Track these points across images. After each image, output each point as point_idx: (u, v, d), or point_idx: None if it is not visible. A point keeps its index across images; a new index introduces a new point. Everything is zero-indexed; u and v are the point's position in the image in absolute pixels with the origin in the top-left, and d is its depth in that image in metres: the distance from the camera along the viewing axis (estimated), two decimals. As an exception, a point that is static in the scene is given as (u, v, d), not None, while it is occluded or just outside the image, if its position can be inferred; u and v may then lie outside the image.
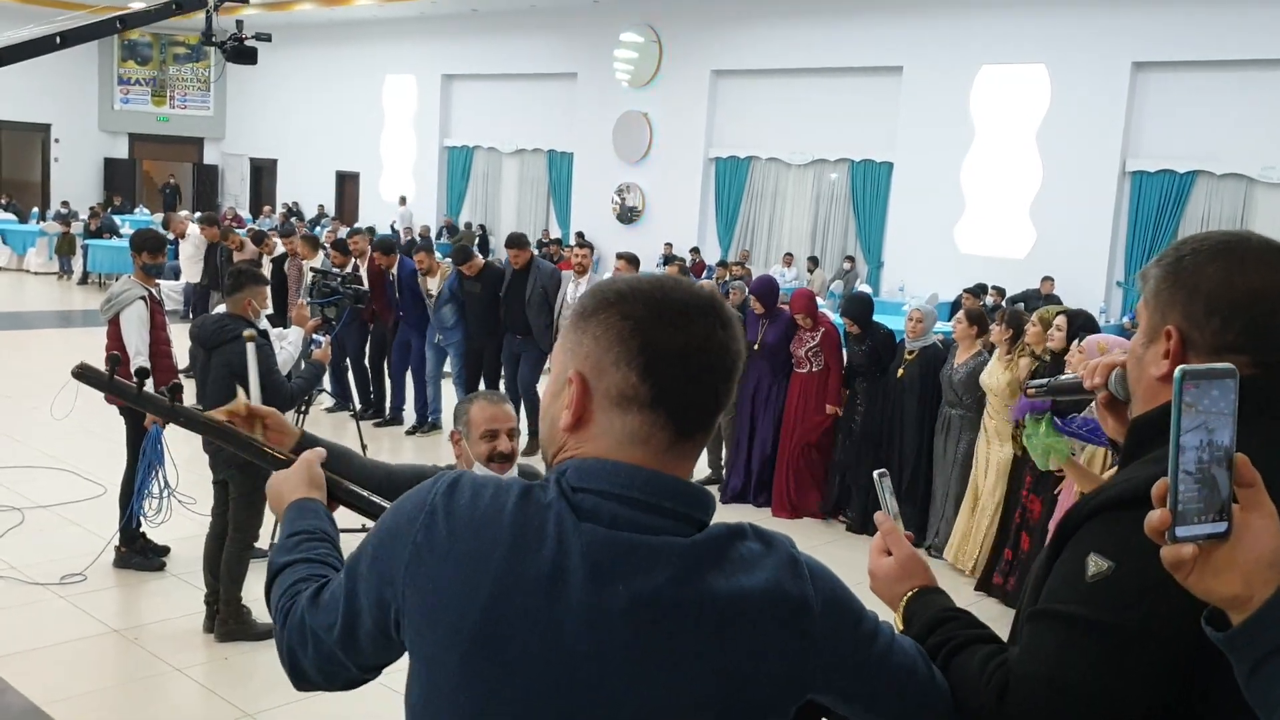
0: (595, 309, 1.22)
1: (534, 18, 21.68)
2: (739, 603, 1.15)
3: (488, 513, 1.17)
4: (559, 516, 1.15)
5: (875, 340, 7.24)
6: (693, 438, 1.21)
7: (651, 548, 1.14)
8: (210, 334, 5.15)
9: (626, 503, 1.16)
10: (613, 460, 1.18)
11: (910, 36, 17.07)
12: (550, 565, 1.13)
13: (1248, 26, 14.02)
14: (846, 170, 18.42)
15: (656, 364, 1.17)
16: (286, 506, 1.53)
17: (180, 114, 29.31)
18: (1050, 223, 15.88)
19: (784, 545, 1.22)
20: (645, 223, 20.59)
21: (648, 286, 1.21)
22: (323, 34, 26.13)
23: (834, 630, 1.21)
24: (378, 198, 25.41)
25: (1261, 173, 14.31)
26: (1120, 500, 1.29)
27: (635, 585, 1.13)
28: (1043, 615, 1.31)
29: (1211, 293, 1.35)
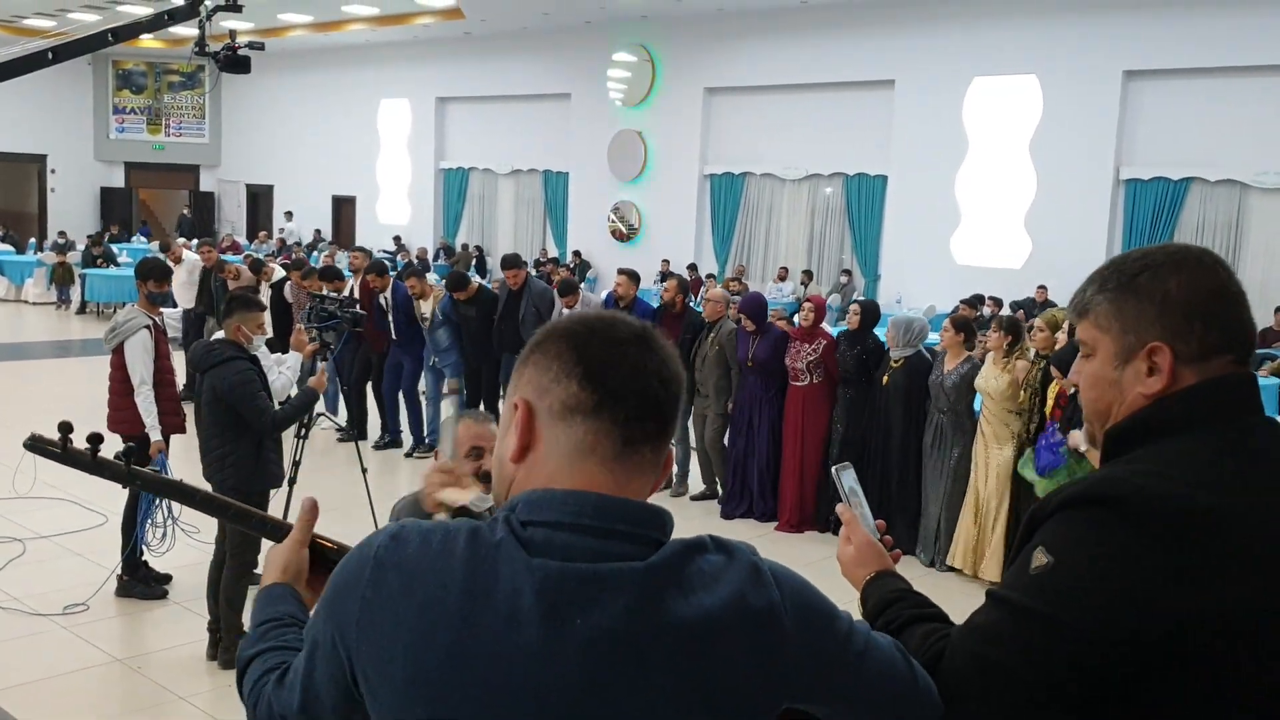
0: (532, 346, 1.24)
1: (527, 39, 21.78)
2: (702, 623, 1.12)
3: (437, 560, 1.14)
4: (510, 556, 1.13)
5: (866, 348, 7.26)
6: (639, 450, 1.19)
7: (606, 577, 1.12)
8: (200, 358, 5.19)
9: (578, 531, 1.14)
10: (562, 489, 1.16)
11: (901, 50, 17.15)
12: (505, 608, 1.11)
13: (1238, 33, 14.09)
14: (841, 184, 18.47)
15: (595, 371, 1.18)
16: (257, 595, 1.51)
17: (176, 142, 29.38)
18: (1046, 232, 15.92)
19: (745, 554, 1.20)
20: (642, 240, 20.64)
21: (581, 318, 1.24)
22: (316, 59, 26.23)
23: (807, 634, 1.19)
24: (374, 221, 25.46)
25: (1255, 178, 14.36)
26: (1072, 500, 1.35)
27: (592, 619, 1.11)
28: (990, 597, 1.39)
29: (1186, 301, 1.38)
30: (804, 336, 7.43)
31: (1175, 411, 1.38)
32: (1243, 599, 1.25)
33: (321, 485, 6.61)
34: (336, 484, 7.52)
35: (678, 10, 18.85)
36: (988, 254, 16.51)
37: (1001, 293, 14.83)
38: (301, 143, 27.10)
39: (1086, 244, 15.55)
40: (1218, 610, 1.25)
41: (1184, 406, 1.37)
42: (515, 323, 8.75)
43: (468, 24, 21.23)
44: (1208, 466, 1.31)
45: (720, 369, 7.81)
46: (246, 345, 5.16)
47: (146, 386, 5.70)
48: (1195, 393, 1.37)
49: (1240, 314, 1.40)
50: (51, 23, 23.70)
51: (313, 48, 25.71)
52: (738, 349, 7.71)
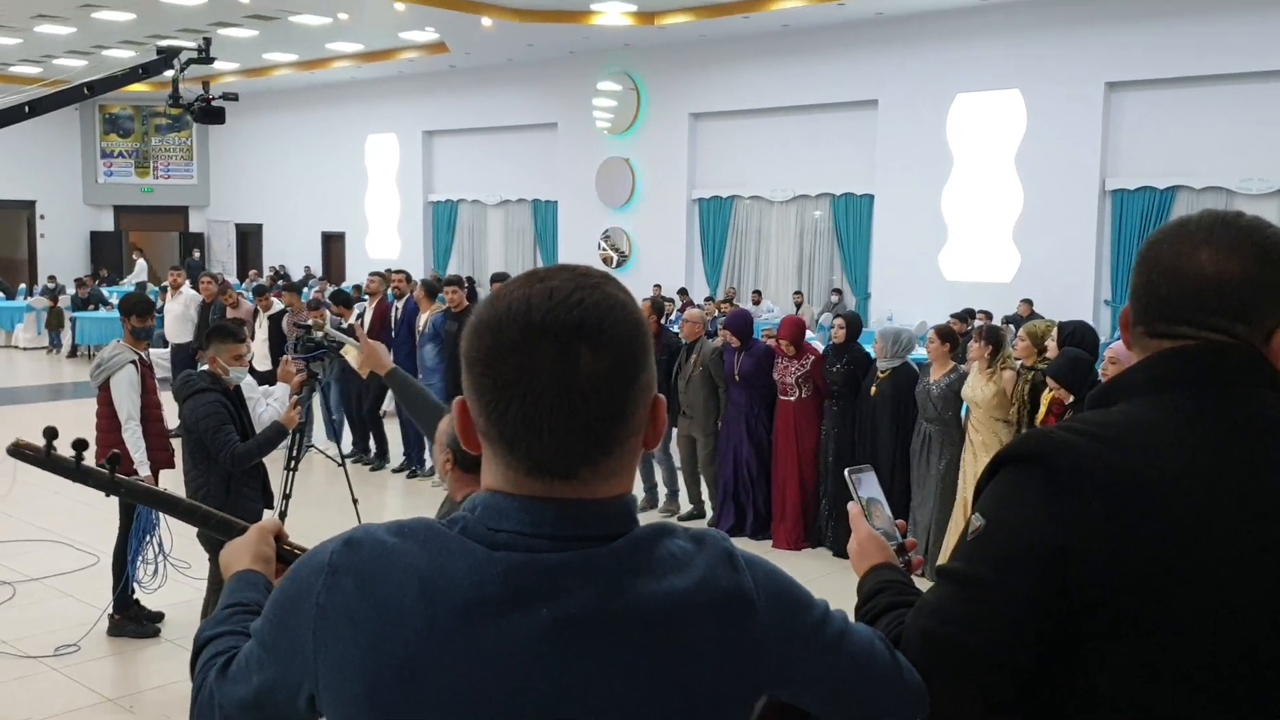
0: (465, 335, 1.15)
1: (511, 71, 21.89)
2: (674, 605, 1.09)
3: (394, 560, 1.10)
4: (470, 551, 1.09)
5: (853, 360, 7.26)
6: (565, 479, 1.10)
7: (573, 564, 1.08)
8: (178, 389, 5.17)
9: (542, 538, 1.09)
10: (521, 496, 1.11)
11: (883, 70, 17.25)
12: (467, 599, 1.06)
13: (1217, 42, 14.19)
14: (829, 205, 18.54)
15: (493, 404, 1.09)
16: (227, 579, 1.47)
17: (164, 184, 29.45)
18: (1034, 245, 15.96)
19: (717, 539, 1.16)
20: (633, 266, 20.68)
21: (499, 314, 1.10)
22: (302, 97, 26.34)
23: (780, 619, 1.16)
24: (364, 256, 25.48)
25: (1240, 185, 14.41)
26: (1001, 460, 1.37)
27: (560, 605, 1.07)
28: (937, 572, 1.40)
29: (1146, 270, 1.42)
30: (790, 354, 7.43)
31: (1132, 381, 1.40)
32: (1157, 559, 1.24)
33: (312, 518, 6.56)
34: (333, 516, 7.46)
35: (660, 38, 18.97)
36: (977, 269, 16.55)
37: (992, 307, 14.83)
38: (289, 181, 27.18)
39: (1075, 255, 15.61)
40: (1132, 568, 1.25)
41: (1137, 377, 1.40)
42: None
43: (452, 58, 21.34)
44: (1141, 430, 1.31)
45: (706, 389, 7.79)
46: (223, 376, 5.13)
47: (134, 422, 5.67)
48: (1143, 366, 1.40)
49: (1196, 294, 1.35)
50: (37, 69, 23.81)
51: (298, 86, 25.82)
52: (723, 365, 7.71)
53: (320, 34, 20.33)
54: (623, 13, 17.93)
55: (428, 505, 8.61)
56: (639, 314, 1.13)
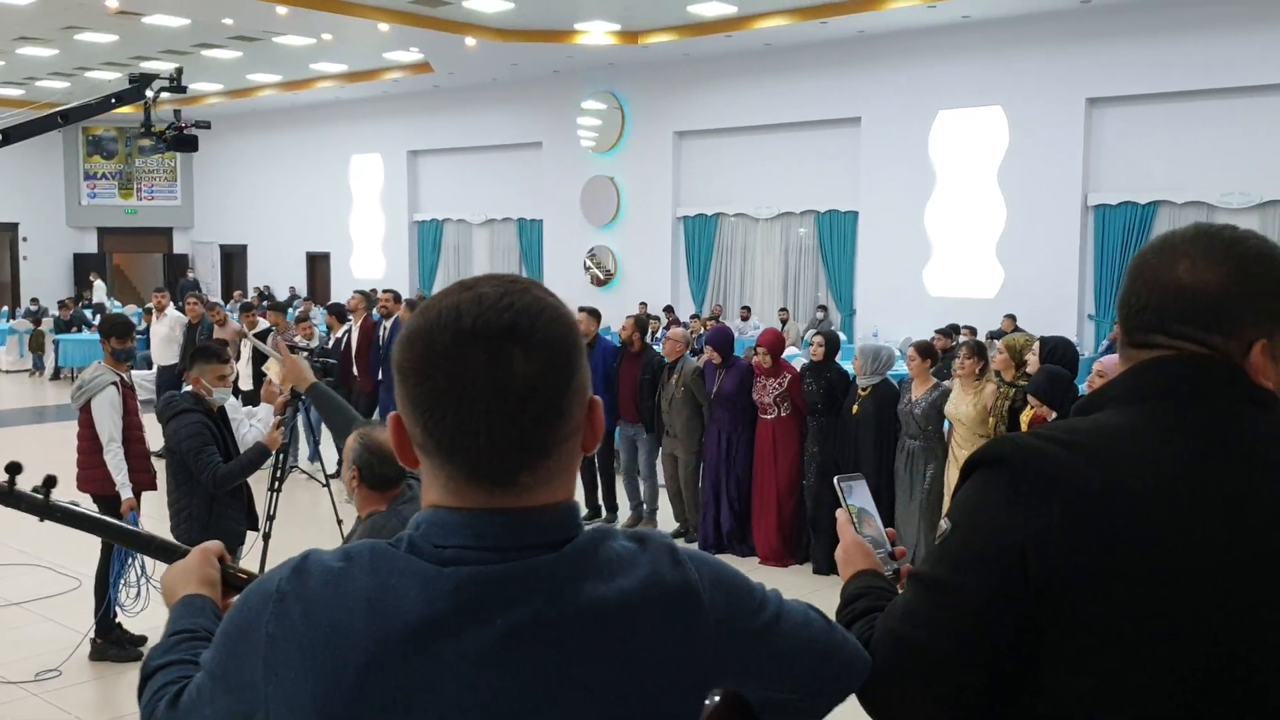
0: (396, 347, 1.14)
1: (496, 90, 21.93)
2: (623, 605, 1.10)
3: (342, 584, 1.09)
4: (418, 570, 1.08)
5: (832, 379, 7.28)
6: (505, 486, 1.10)
7: (521, 573, 1.08)
8: (161, 410, 5.14)
9: (489, 550, 1.09)
10: (464, 510, 1.10)
11: (866, 87, 17.35)
12: (418, 618, 1.06)
13: (1196, 58, 14.32)
14: (813, 222, 18.60)
15: (429, 413, 1.08)
16: (173, 605, 1.45)
17: (148, 205, 29.37)
18: (1017, 261, 16.04)
19: (658, 538, 1.18)
20: (619, 284, 20.70)
21: (430, 322, 1.10)
22: (287, 118, 26.32)
23: (725, 608, 1.17)
24: (349, 276, 25.43)
25: (1221, 199, 14.52)
26: (970, 465, 1.38)
27: (512, 615, 1.07)
28: (908, 576, 1.41)
29: (1132, 282, 1.44)
30: (768, 371, 7.44)
31: (1111, 392, 1.41)
32: (1120, 566, 1.25)
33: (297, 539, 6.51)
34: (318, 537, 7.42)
35: (644, 56, 19.05)
36: (961, 284, 16.61)
37: (976, 322, 14.88)
38: (274, 201, 27.14)
39: (1058, 270, 15.69)
40: (1093, 574, 1.25)
41: (1119, 389, 1.40)
42: None
43: (436, 77, 21.38)
44: (1113, 438, 1.32)
45: (689, 408, 7.80)
46: (207, 397, 5.10)
47: (115, 444, 5.63)
48: (1126, 377, 1.40)
49: (1178, 305, 1.35)
50: (20, 91, 23.76)
51: (282, 107, 25.82)
52: (705, 384, 7.71)
53: (304, 54, 20.34)
54: (606, 32, 18.00)
55: (413, 525, 8.57)
56: (569, 317, 1.14)
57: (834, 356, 7.52)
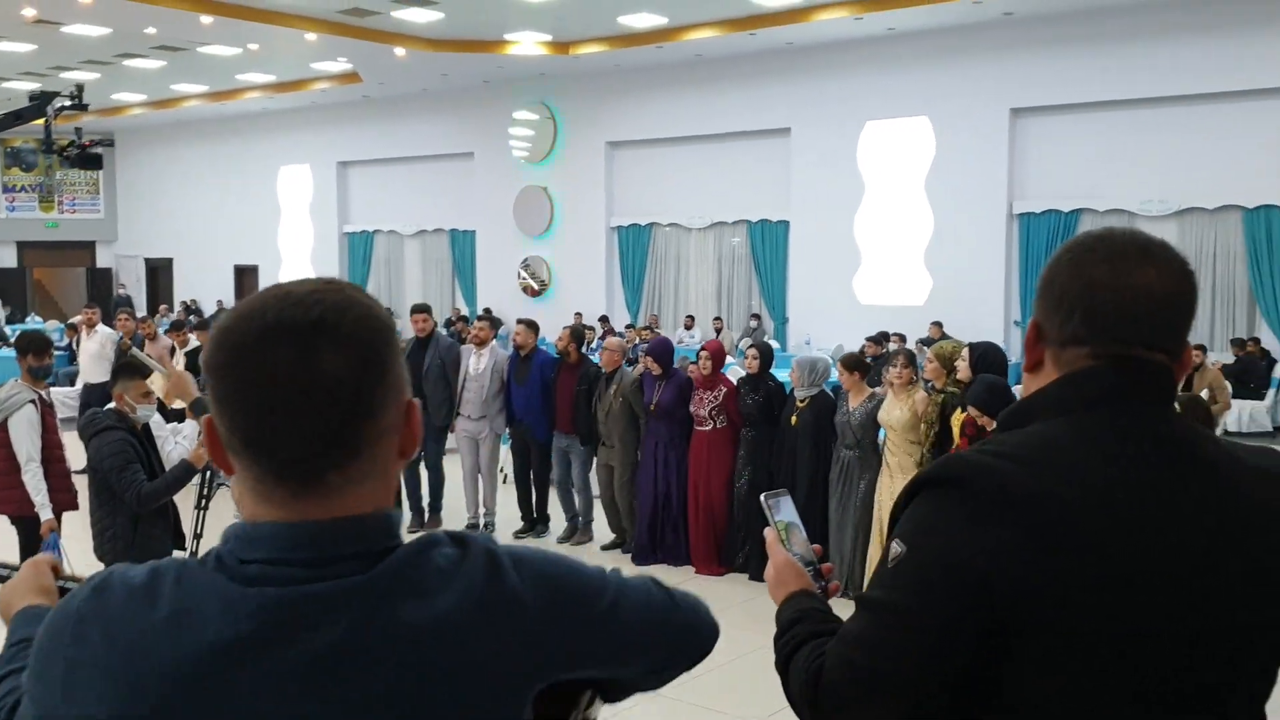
0: (206, 345, 1.13)
1: (426, 100, 21.79)
2: (439, 622, 1.05)
3: (143, 605, 1.05)
4: (222, 590, 1.04)
5: (767, 390, 7.33)
6: (313, 485, 1.06)
7: (330, 594, 1.04)
8: (83, 427, 5.02)
9: (298, 564, 1.05)
10: (270, 522, 1.06)
11: (795, 98, 17.53)
12: (220, 640, 1.02)
13: (1117, 69, 14.70)
14: (745, 231, 18.74)
15: (235, 410, 1.05)
16: (12, 616, 1.41)
17: (70, 219, 28.71)
18: (945, 268, 16.30)
19: (480, 543, 1.13)
20: (554, 294, 20.66)
21: (236, 319, 1.08)
22: (213, 129, 25.91)
23: (554, 610, 1.13)
24: (279, 289, 25.08)
25: (1141, 206, 14.90)
26: (919, 484, 1.36)
27: (317, 639, 1.02)
28: (858, 602, 1.39)
29: (1061, 286, 1.41)
30: (704, 383, 7.47)
31: (1042, 403, 1.40)
32: (1076, 579, 1.26)
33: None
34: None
35: (576, 67, 19.05)
36: (890, 292, 16.84)
37: (906, 329, 15.11)
38: (201, 214, 26.68)
39: (984, 277, 15.98)
40: (1052, 588, 1.25)
41: (1049, 399, 1.40)
42: (418, 377, 8.57)
43: (366, 87, 21.18)
44: (1060, 450, 1.32)
45: (626, 419, 7.80)
46: (130, 414, 4.99)
47: (34, 464, 5.47)
48: (1057, 386, 1.40)
49: (1118, 310, 1.36)
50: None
51: (208, 117, 25.40)
52: (643, 394, 7.72)
53: (230, 65, 20.04)
54: (537, 42, 17.99)
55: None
56: (382, 315, 1.11)
57: (769, 368, 7.57)
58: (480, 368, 8.44)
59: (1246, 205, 14.30)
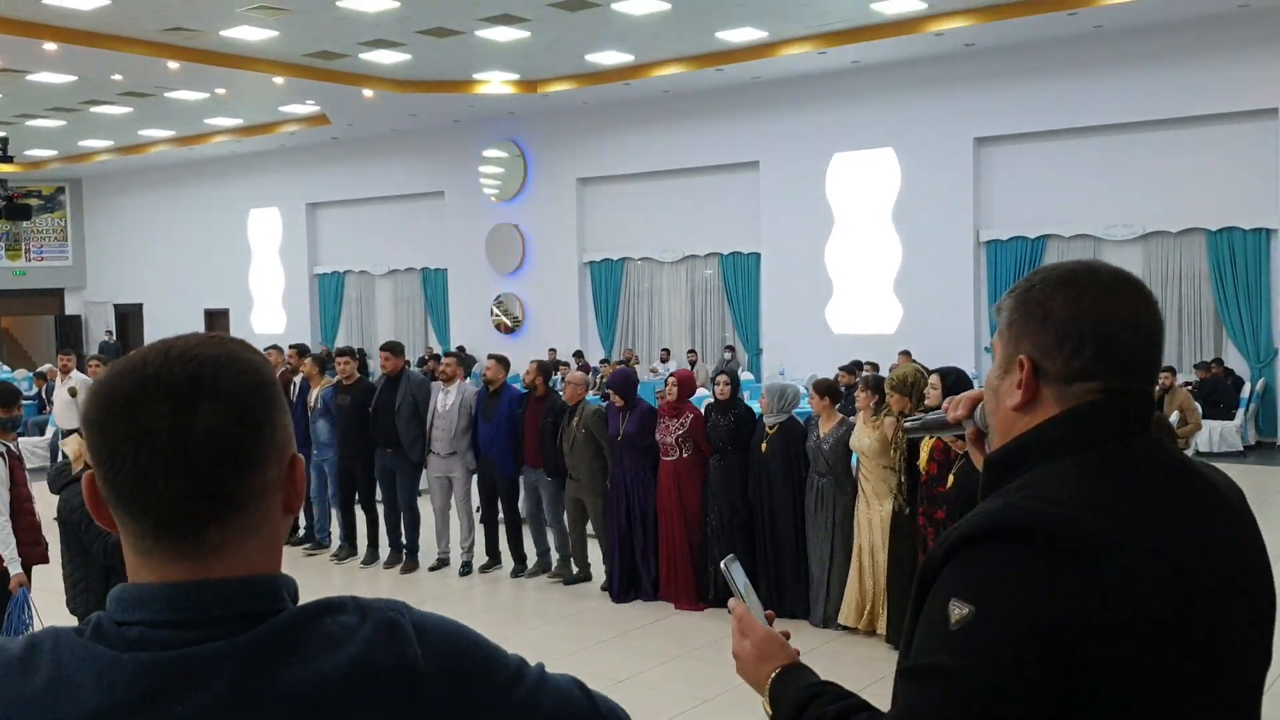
0: (84, 398, 1.10)
1: (396, 141, 21.85)
2: (319, 689, 1.01)
3: (21, 677, 1.02)
4: (97, 656, 1.02)
5: (738, 417, 7.35)
6: (193, 541, 1.04)
7: (206, 657, 1.00)
8: (53, 478, 4.96)
9: (176, 626, 1.02)
10: (147, 583, 1.04)
11: (763, 132, 17.70)
12: (94, 709, 0.99)
13: (1078, 97, 14.93)
14: (717, 264, 18.85)
15: (110, 465, 1.03)
16: None
17: (38, 266, 28.51)
18: (914, 297, 16.44)
19: (382, 609, 1.08)
20: (527, 331, 20.66)
21: (115, 373, 1.07)
22: (181, 173, 25.85)
23: (453, 690, 1.07)
24: (250, 332, 24.94)
25: (1106, 232, 15.09)
26: (971, 537, 1.27)
27: (193, 702, 0.99)
28: (913, 673, 1.26)
29: (1061, 321, 1.36)
30: (670, 412, 7.47)
31: (1047, 440, 1.36)
32: (1139, 614, 1.24)
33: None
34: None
35: (544, 105, 19.16)
36: (862, 321, 16.95)
37: (878, 358, 15.18)
38: (170, 258, 26.56)
39: (954, 305, 16.11)
40: (1129, 631, 1.23)
41: (1055, 435, 1.36)
42: (390, 414, 8.55)
43: (334, 129, 21.21)
44: (1083, 489, 1.29)
45: (590, 450, 7.77)
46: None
47: (3, 518, 5.39)
48: (1062, 422, 1.36)
49: (1123, 344, 1.36)
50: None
51: (176, 162, 25.36)
52: (607, 426, 7.72)
53: (198, 109, 20.03)
54: (505, 81, 18.08)
55: (327, 584, 8.38)
56: (264, 369, 1.09)
57: (737, 394, 7.61)
58: (448, 404, 8.46)
59: (1210, 228, 14.51)
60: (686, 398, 7.55)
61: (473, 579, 8.43)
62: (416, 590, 8.04)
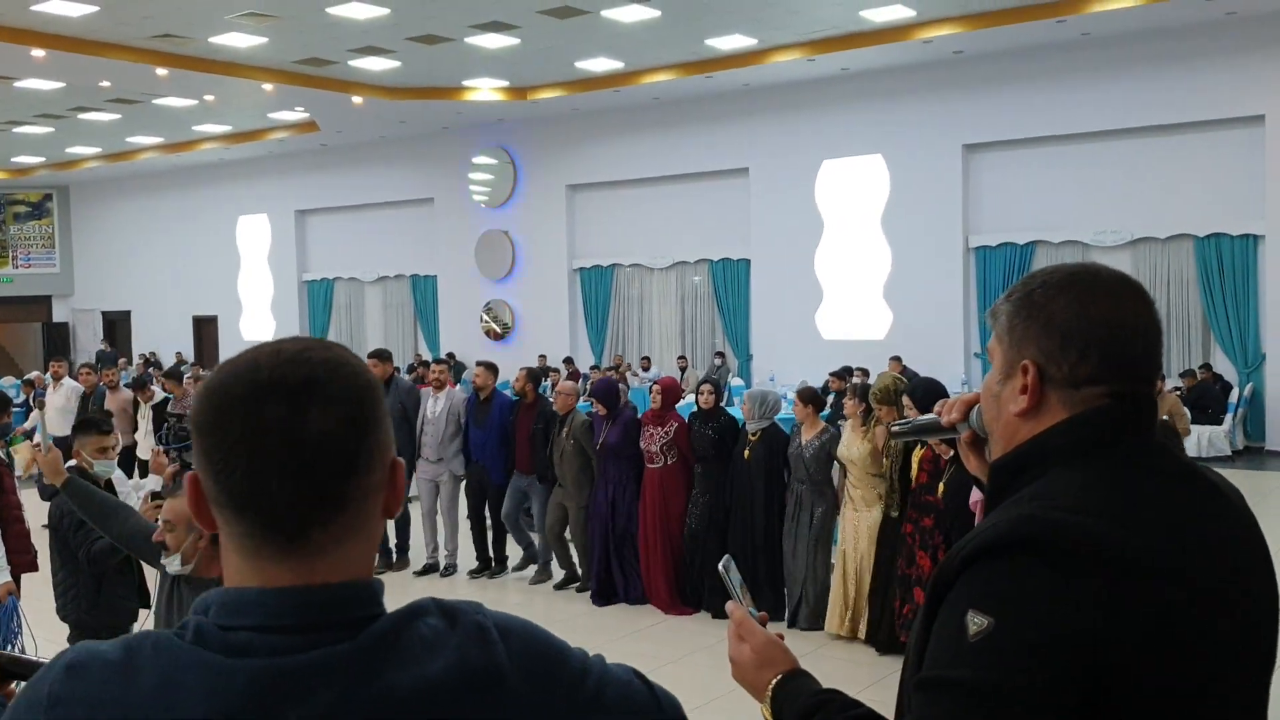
0: (193, 401, 1.12)
1: (385, 148, 21.84)
2: (424, 693, 1.05)
3: (125, 681, 1.02)
4: (205, 662, 1.02)
5: (721, 425, 7.39)
6: (299, 543, 1.06)
7: (317, 665, 1.03)
8: (43, 486, 4.93)
9: (283, 632, 1.04)
10: (257, 588, 1.06)
11: (752, 139, 17.74)
12: (203, 718, 1.00)
13: (1066, 104, 15.00)
14: (707, 270, 18.87)
15: (223, 466, 1.05)
16: None
17: (25, 273, 28.39)
18: (904, 303, 16.48)
19: (469, 613, 1.12)
20: (517, 337, 20.65)
21: (226, 376, 1.09)
22: (170, 180, 25.80)
23: (535, 688, 1.11)
24: (238, 339, 24.89)
25: (1094, 238, 15.15)
26: (989, 548, 1.25)
27: (305, 708, 1.01)
28: (929, 684, 1.24)
29: (1066, 325, 1.35)
30: (654, 420, 7.50)
31: (1055, 446, 1.35)
32: (1157, 621, 1.23)
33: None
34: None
35: (534, 112, 19.18)
36: (852, 327, 16.98)
37: (869, 364, 15.21)
38: (158, 265, 26.49)
39: (943, 311, 16.16)
40: (1154, 640, 1.22)
41: (1063, 441, 1.35)
42: None
43: (323, 136, 21.19)
44: (1098, 496, 1.28)
45: (579, 460, 7.84)
46: (89, 470, 4.92)
47: (-10, 526, 5.38)
48: (1069, 427, 1.35)
49: (1129, 347, 1.35)
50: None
51: (165, 169, 25.30)
52: (593, 435, 7.76)
53: (186, 116, 20.00)
54: (495, 88, 18.09)
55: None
56: (369, 375, 1.12)
57: (721, 402, 7.65)
58: (437, 410, 8.51)
59: (1198, 234, 14.58)
60: (671, 405, 7.60)
61: (456, 580, 8.49)
62: (403, 592, 8.02)
